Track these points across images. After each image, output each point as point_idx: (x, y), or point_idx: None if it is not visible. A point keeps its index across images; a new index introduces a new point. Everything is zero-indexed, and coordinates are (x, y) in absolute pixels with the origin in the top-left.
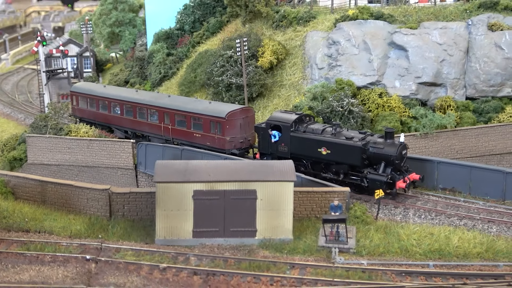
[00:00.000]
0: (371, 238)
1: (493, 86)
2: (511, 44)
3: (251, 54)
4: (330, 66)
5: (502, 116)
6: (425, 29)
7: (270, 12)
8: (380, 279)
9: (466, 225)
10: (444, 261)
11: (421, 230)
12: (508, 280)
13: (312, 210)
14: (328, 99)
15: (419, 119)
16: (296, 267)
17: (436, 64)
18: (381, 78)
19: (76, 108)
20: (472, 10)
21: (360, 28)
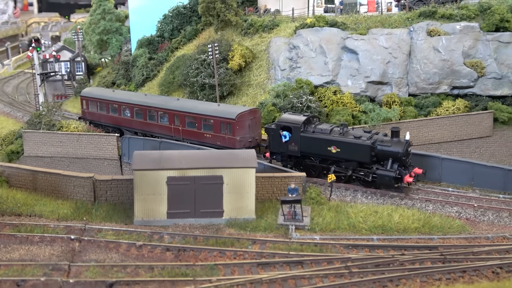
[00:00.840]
0: (324, 217)
1: (432, 84)
2: (447, 48)
3: (222, 58)
4: (291, 67)
5: (439, 110)
6: (373, 35)
7: (239, 21)
8: (330, 252)
9: (407, 204)
10: (386, 235)
11: (367, 209)
12: (441, 251)
13: (273, 192)
14: (289, 96)
15: (368, 113)
16: (257, 242)
17: (382, 65)
18: (335, 78)
19: (86, 112)
20: (413, 18)
21: (317, 35)
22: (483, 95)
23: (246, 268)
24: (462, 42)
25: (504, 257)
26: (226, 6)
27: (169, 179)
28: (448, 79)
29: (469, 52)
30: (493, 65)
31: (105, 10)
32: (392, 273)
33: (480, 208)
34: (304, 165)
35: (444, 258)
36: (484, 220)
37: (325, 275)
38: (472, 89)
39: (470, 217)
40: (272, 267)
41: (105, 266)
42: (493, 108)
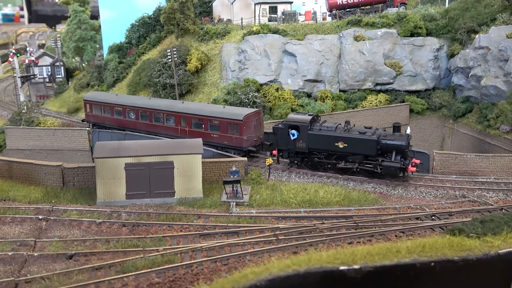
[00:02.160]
0: (261, 194)
1: (358, 81)
2: (370, 50)
3: (181, 61)
4: (240, 69)
5: (364, 103)
6: (309, 40)
7: (196, 29)
8: (263, 223)
9: (332, 182)
10: (312, 208)
11: (298, 187)
12: (355, 220)
13: (219, 175)
14: (238, 93)
15: (305, 106)
16: (202, 217)
17: (317, 66)
18: (278, 77)
19: (90, 115)
20: (342, 26)
21: (262, 40)
22: (401, 90)
23: (190, 239)
24: (383, 46)
25: (406, 223)
26: (184, 16)
27: (127, 165)
28: (372, 77)
29: (389, 54)
30: (409, 65)
31: (81, 20)
32: (312, 238)
33: (392, 184)
34: (311, 160)
35: (357, 225)
36: (395, 193)
37: (256, 242)
38: (392, 85)
39: (383, 192)
40: (212, 237)
41: (67, 241)
42: (409, 101)
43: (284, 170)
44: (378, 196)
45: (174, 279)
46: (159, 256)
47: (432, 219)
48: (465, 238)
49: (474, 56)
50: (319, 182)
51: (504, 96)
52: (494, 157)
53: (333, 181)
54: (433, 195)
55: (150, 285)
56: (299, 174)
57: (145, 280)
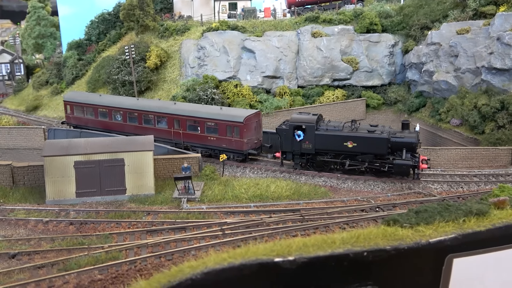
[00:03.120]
0: (213, 190)
1: (316, 77)
2: (328, 47)
3: (141, 58)
4: (199, 65)
5: (322, 98)
6: (268, 37)
7: (156, 26)
8: (211, 218)
9: (284, 177)
10: (262, 203)
11: (250, 182)
12: (301, 213)
13: (173, 171)
14: (197, 90)
15: (263, 102)
16: (151, 214)
17: (275, 62)
18: (237, 73)
19: (71, 116)
20: (300, 23)
21: (221, 37)
22: (358, 86)
23: (136, 235)
24: (340, 42)
25: (351, 215)
26: (144, 13)
27: (76, 163)
28: (329, 73)
29: (346, 50)
30: (365, 61)
31: (40, 17)
32: (258, 232)
33: (342, 177)
34: (317, 161)
35: (303, 218)
36: (344, 186)
37: (203, 237)
38: (349, 81)
39: (333, 185)
40: (159, 233)
41: (11, 240)
42: (366, 96)
43: (239, 165)
44: (328, 190)
45: (117, 275)
46: (103, 253)
47: (376, 211)
48: (398, 228)
49: (426, 52)
50: (272, 177)
51: (454, 90)
52: (441, 150)
53: (285, 175)
54: (381, 188)
55: (92, 282)
56: (253, 169)
57: (87, 277)
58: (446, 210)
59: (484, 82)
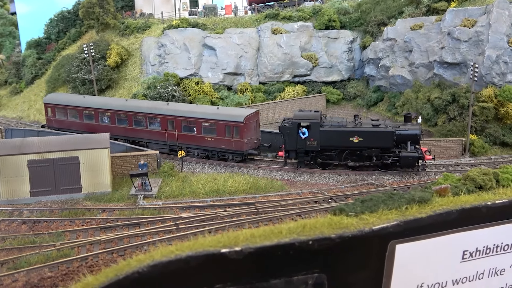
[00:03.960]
0: (171, 186)
1: (277, 74)
2: (287, 43)
3: (101, 56)
4: (160, 63)
5: (283, 95)
6: (228, 34)
7: (116, 24)
8: (167, 213)
9: (243, 172)
10: (219, 197)
11: (208, 177)
12: (256, 206)
13: (131, 168)
14: (157, 87)
15: (224, 99)
16: (106, 211)
17: (236, 59)
18: (198, 70)
19: (52, 119)
20: (261, 20)
21: (181, 34)
22: (318, 81)
23: (90, 233)
24: (299, 39)
25: (304, 207)
26: (104, 10)
27: (30, 162)
28: (289, 69)
29: (305, 46)
30: (324, 57)
31: None
32: (211, 225)
33: (299, 171)
34: (321, 158)
35: (257, 211)
36: (300, 180)
37: (156, 232)
38: (309, 77)
39: (290, 178)
40: (113, 230)
41: None
42: (326, 92)
43: (198, 161)
44: (284, 183)
45: (67, 272)
46: (55, 251)
47: (329, 202)
48: (344, 217)
49: (383, 47)
50: (230, 172)
51: (409, 85)
52: None
53: (243, 170)
54: (336, 180)
55: (42, 279)
56: (212, 164)
57: (36, 275)
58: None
59: (437, 76)
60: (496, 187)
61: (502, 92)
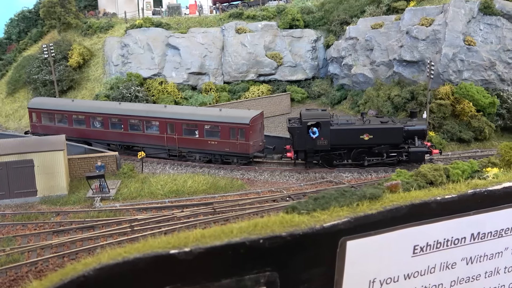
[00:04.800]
0: (129, 188)
1: (242, 73)
2: (252, 43)
3: (62, 57)
4: (123, 63)
5: (247, 94)
6: (192, 33)
7: (79, 23)
8: (123, 215)
9: (204, 172)
10: (178, 198)
11: (168, 178)
12: (214, 206)
13: (89, 170)
14: (120, 88)
15: (188, 99)
16: (61, 214)
17: (200, 59)
18: (162, 70)
19: (38, 125)
20: (225, 19)
21: (144, 34)
22: (283, 80)
23: (42, 237)
24: (264, 38)
25: (261, 206)
26: (66, 10)
27: None
28: (254, 68)
29: (270, 45)
30: (289, 56)
31: None
32: (168, 227)
33: (259, 169)
34: (330, 157)
35: (214, 211)
36: (261, 178)
37: (111, 234)
38: (274, 76)
39: (250, 177)
40: (66, 233)
41: None
42: (290, 90)
43: (159, 162)
44: (245, 182)
45: (15, 277)
46: (4, 256)
47: (287, 200)
48: (296, 215)
49: (345, 46)
50: (191, 173)
51: (371, 83)
52: None
53: (204, 170)
54: (296, 178)
55: None
56: (174, 165)
57: None
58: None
59: (396, 74)
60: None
61: (458, 89)
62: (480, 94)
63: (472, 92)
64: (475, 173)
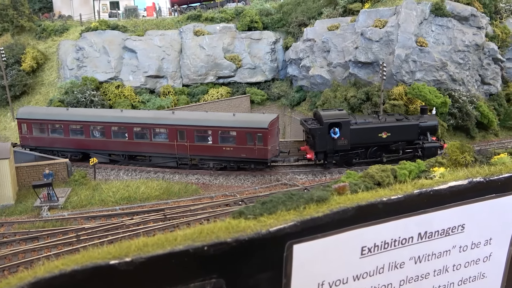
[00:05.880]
0: (80, 195)
1: (201, 76)
2: (210, 45)
3: (15, 61)
4: (78, 67)
5: (206, 96)
6: (149, 36)
7: (33, 26)
8: (71, 225)
9: (158, 177)
10: (129, 205)
11: (121, 184)
12: (165, 212)
13: (39, 179)
14: (74, 92)
15: (146, 103)
16: (5, 225)
17: (158, 61)
18: (119, 74)
19: (28, 137)
20: (183, 21)
21: (100, 37)
22: (242, 82)
23: None
24: (222, 40)
25: (214, 211)
26: (18, 12)
27: None
28: (213, 70)
29: (228, 48)
30: (248, 58)
31: None
32: (116, 235)
33: (215, 173)
34: (348, 157)
35: (165, 217)
36: (216, 183)
37: (55, 245)
38: (233, 78)
39: (205, 182)
40: (9, 245)
41: None
42: (250, 92)
43: (113, 168)
44: (199, 187)
45: None
46: None
47: (240, 205)
48: (243, 220)
49: (303, 48)
50: (145, 178)
51: (328, 84)
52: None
53: (159, 175)
54: (251, 181)
55: None
56: (128, 171)
57: None
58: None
59: (352, 75)
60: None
61: (411, 89)
62: (432, 94)
63: (424, 92)
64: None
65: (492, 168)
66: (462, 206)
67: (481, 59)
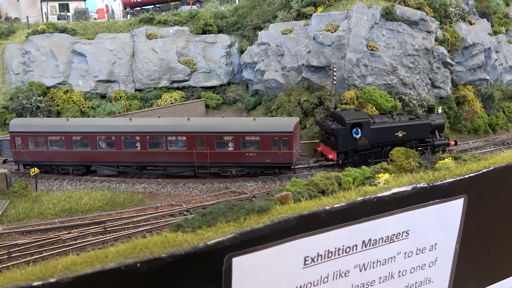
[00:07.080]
0: (17, 208)
1: (154, 80)
2: (163, 48)
3: None
4: (24, 71)
5: (160, 101)
6: (100, 39)
7: None
8: (3, 240)
9: (104, 186)
10: (70, 217)
11: (62, 195)
12: (105, 225)
13: None
14: (20, 98)
15: (96, 108)
16: None
17: (109, 66)
18: (67, 78)
19: (23, 152)
20: (135, 24)
21: (48, 40)
22: (197, 87)
23: None
24: (176, 44)
25: (157, 222)
26: None
27: None
28: (167, 75)
29: (182, 51)
30: (202, 62)
31: None
32: (51, 251)
33: (163, 182)
34: (366, 156)
35: (105, 230)
36: (164, 191)
37: None
38: (188, 82)
39: (152, 191)
40: None
41: None
42: (205, 97)
43: (57, 178)
44: (146, 196)
45: None
46: None
47: (185, 215)
48: (180, 233)
49: (258, 51)
50: (89, 188)
51: (283, 88)
52: None
53: (104, 185)
54: (200, 189)
55: None
56: (72, 181)
57: None
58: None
59: (305, 80)
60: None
61: (362, 93)
62: (383, 98)
63: (375, 96)
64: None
65: (436, 173)
66: (406, 212)
67: (431, 63)
